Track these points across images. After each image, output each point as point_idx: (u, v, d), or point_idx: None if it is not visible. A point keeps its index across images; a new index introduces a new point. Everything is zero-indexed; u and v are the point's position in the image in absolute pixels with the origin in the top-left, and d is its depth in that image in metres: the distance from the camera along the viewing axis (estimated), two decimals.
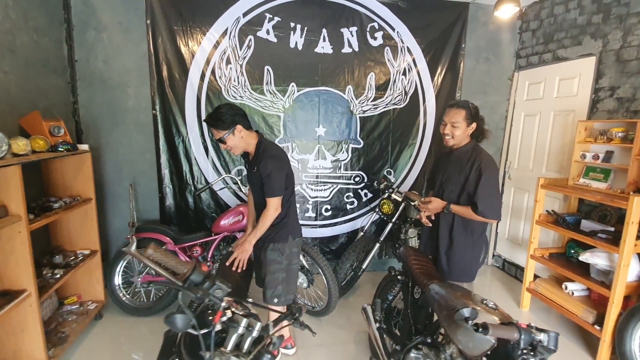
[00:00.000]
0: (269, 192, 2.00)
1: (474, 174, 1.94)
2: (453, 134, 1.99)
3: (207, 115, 2.00)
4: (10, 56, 2.35)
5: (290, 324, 1.33)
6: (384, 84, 3.45)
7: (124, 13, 2.99)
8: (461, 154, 2.03)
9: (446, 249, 2.12)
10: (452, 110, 1.99)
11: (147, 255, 1.04)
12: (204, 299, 1.03)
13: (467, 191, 1.98)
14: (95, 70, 3.01)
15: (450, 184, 2.04)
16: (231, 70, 3.18)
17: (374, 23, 3.34)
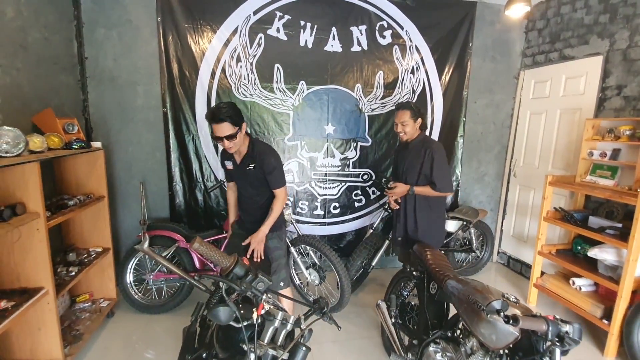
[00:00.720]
0: (279, 184, 2.19)
1: (428, 158, 2.36)
2: (405, 131, 2.44)
3: (219, 112, 1.91)
4: (23, 53, 2.34)
5: (320, 318, 1.34)
6: (392, 83, 3.48)
7: (134, 11, 2.98)
8: (415, 145, 2.46)
9: (413, 226, 2.52)
10: (400, 112, 2.44)
11: (194, 248, 1.05)
12: (246, 292, 1.04)
13: (424, 173, 2.40)
14: (105, 68, 3.00)
15: (410, 172, 2.46)
16: (241, 68, 3.18)
17: (383, 22, 3.36)
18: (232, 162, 2.22)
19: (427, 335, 1.96)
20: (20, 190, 1.89)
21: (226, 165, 2.27)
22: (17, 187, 1.89)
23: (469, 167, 3.86)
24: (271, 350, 1.15)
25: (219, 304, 1.01)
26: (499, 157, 3.92)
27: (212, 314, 1.00)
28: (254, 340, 1.08)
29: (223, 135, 1.96)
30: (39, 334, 2.07)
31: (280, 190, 2.20)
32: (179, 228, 2.89)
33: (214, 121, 1.94)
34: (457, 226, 3.40)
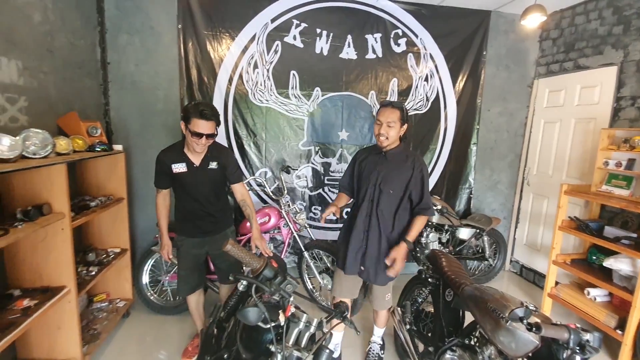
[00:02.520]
0: (241, 177, 2.30)
1: (417, 175, 1.99)
2: (388, 134, 1.95)
3: (206, 109, 1.92)
4: (50, 57, 2.41)
5: (340, 322, 1.36)
6: (406, 90, 3.51)
7: (155, 17, 3.06)
8: (397, 156, 2.03)
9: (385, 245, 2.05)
10: (388, 110, 1.95)
11: (226, 250, 1.09)
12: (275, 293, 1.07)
13: (410, 191, 2.00)
14: (127, 73, 3.08)
15: (388, 185, 1.99)
16: (258, 74, 3.24)
17: (398, 30, 3.40)
18: (186, 164, 2.07)
19: (443, 342, 1.96)
20: (46, 191, 1.95)
21: (174, 169, 2.05)
22: (44, 187, 1.94)
23: (482, 175, 3.85)
24: (296, 352, 1.17)
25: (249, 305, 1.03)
26: (512, 165, 3.91)
27: (242, 314, 1.03)
28: (282, 341, 1.11)
29: (206, 133, 1.94)
30: (59, 332, 2.11)
31: (243, 184, 2.29)
32: None
33: (203, 117, 1.91)
34: (470, 234, 3.40)
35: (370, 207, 2.03)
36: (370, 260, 2.06)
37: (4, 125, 2.02)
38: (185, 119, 1.95)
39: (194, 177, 2.09)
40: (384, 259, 2.02)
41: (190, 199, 2.15)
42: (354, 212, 2.14)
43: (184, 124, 1.97)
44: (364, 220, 2.04)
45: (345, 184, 2.25)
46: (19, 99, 2.13)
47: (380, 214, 2.00)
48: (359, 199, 2.10)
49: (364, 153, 2.17)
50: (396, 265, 1.97)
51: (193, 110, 1.91)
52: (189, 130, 1.94)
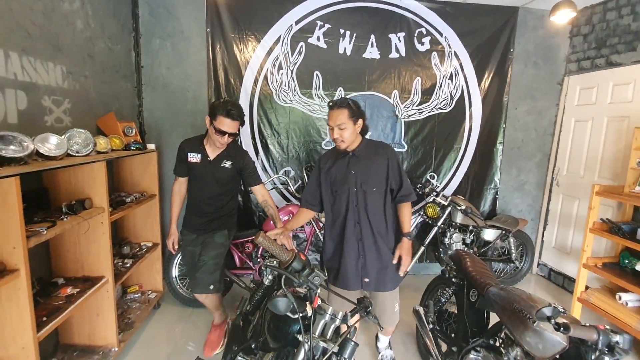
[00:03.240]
0: (260, 179, 2.29)
1: (393, 166, 1.89)
2: (342, 137, 1.80)
3: (233, 109, 1.98)
4: (90, 62, 2.58)
5: (364, 317, 1.39)
6: (429, 89, 3.49)
7: (186, 22, 3.20)
8: (364, 151, 1.89)
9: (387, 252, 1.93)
10: (334, 112, 1.81)
11: (258, 242, 1.15)
12: (303, 285, 1.12)
13: (391, 185, 1.90)
14: (159, 75, 3.23)
15: (370, 184, 1.87)
16: (282, 75, 3.32)
17: (421, 28, 3.39)
18: (202, 156, 2.15)
19: (467, 343, 1.95)
20: (88, 187, 2.09)
21: (189, 157, 2.15)
22: (86, 183, 2.09)
23: (508, 175, 3.77)
24: (322, 343, 1.21)
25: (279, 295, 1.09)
26: (541, 165, 3.80)
27: (272, 304, 1.08)
28: (309, 331, 1.16)
29: (229, 132, 2.00)
30: (97, 319, 2.26)
31: (263, 185, 2.31)
32: None
33: (229, 116, 1.96)
34: (495, 235, 3.34)
35: (357, 212, 1.87)
36: (372, 268, 1.91)
37: (50, 125, 2.18)
38: (212, 114, 2.01)
39: (204, 169, 2.14)
40: (386, 263, 1.92)
41: (196, 191, 2.21)
42: (337, 225, 1.94)
43: (209, 119, 2.03)
44: (355, 229, 1.88)
45: (309, 198, 2.02)
46: (63, 101, 2.29)
47: (371, 216, 1.87)
48: (339, 209, 1.91)
49: (328, 160, 1.97)
50: (404, 262, 1.92)
51: (221, 108, 1.96)
52: (213, 126, 2.00)
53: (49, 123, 2.17)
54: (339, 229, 1.91)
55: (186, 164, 2.18)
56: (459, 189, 3.66)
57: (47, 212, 1.88)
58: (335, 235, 1.95)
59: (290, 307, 1.10)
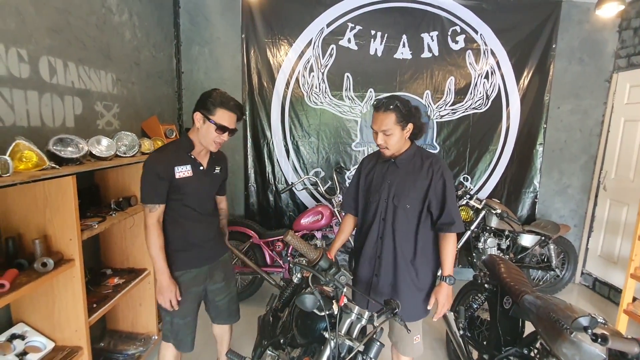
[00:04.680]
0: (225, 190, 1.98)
1: (437, 181, 1.59)
2: (388, 145, 1.59)
3: (233, 101, 1.62)
4: (137, 69, 2.77)
5: (390, 318, 1.40)
6: (463, 88, 3.39)
7: (222, 29, 3.35)
8: (407, 161, 1.65)
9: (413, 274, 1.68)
10: (380, 115, 1.58)
11: (287, 240, 1.20)
12: (329, 283, 1.15)
13: (430, 203, 1.61)
14: (198, 80, 3.40)
15: (403, 199, 1.62)
16: (313, 77, 3.37)
17: (455, 27, 3.31)
18: (192, 167, 1.65)
19: (499, 351, 1.90)
20: (134, 185, 2.26)
21: (177, 172, 1.60)
22: (132, 182, 2.26)
23: (549, 178, 3.58)
24: (348, 341, 1.24)
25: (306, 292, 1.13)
26: (586, 168, 3.57)
27: (300, 300, 1.13)
28: (335, 329, 1.19)
29: (231, 127, 1.61)
30: (140, 309, 2.42)
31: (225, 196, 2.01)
32: (254, 225, 3.15)
33: (232, 109, 1.60)
34: (533, 241, 3.18)
35: (383, 227, 1.65)
36: (382, 289, 1.68)
37: (102, 128, 2.38)
38: (207, 108, 1.56)
39: (199, 182, 1.67)
40: (403, 291, 1.67)
41: (191, 214, 1.69)
42: (362, 233, 1.77)
43: (202, 114, 1.57)
44: (375, 244, 1.68)
45: (350, 201, 1.85)
46: (113, 106, 2.49)
47: (397, 235, 1.63)
48: (366, 218, 1.73)
49: (370, 162, 1.79)
50: (440, 308, 1.65)
51: (220, 100, 1.57)
52: (212, 122, 1.55)
53: (101, 126, 2.37)
54: (362, 238, 1.74)
55: (170, 183, 1.60)
56: (494, 192, 3.53)
57: (98, 208, 2.05)
58: (358, 243, 1.80)
59: (317, 304, 1.14)
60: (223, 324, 2.01)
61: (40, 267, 1.47)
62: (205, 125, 1.58)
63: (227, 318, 1.97)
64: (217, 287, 1.86)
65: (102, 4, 2.36)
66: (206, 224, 1.78)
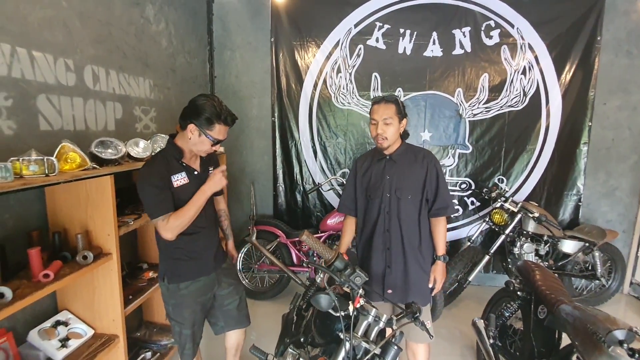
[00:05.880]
0: None
1: (431, 173, 1.79)
2: (386, 134, 1.72)
3: (229, 116, 1.62)
4: (172, 75, 2.93)
5: (410, 322, 1.37)
6: (498, 85, 3.24)
7: (253, 34, 3.45)
8: (403, 156, 1.81)
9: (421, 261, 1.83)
10: (381, 106, 1.73)
11: (302, 239, 1.22)
12: (345, 284, 1.15)
13: (427, 194, 1.79)
14: (229, 84, 3.53)
15: (404, 191, 1.78)
16: (341, 78, 3.38)
17: (489, 21, 3.17)
18: (187, 173, 1.63)
19: None
20: None
21: (174, 181, 1.58)
22: None
23: (595, 180, 3.32)
24: (364, 343, 1.23)
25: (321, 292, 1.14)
26: (636, 168, 3.27)
27: (315, 300, 1.14)
28: (350, 330, 1.19)
29: (224, 138, 1.62)
30: None
31: None
32: (281, 225, 3.21)
33: (229, 124, 1.61)
34: (576, 247, 2.97)
35: (388, 220, 1.79)
36: (397, 280, 1.81)
37: (140, 131, 2.53)
38: (205, 122, 1.53)
39: (197, 187, 1.62)
40: (413, 278, 1.81)
41: (194, 221, 1.61)
42: (366, 231, 1.87)
43: (196, 126, 1.53)
44: (383, 236, 1.81)
45: (348, 202, 1.95)
46: (150, 110, 2.65)
47: (403, 225, 1.77)
48: (370, 215, 1.84)
49: (365, 162, 1.90)
50: (438, 284, 1.85)
51: (217, 114, 1.54)
52: (210, 137, 1.55)
53: (139, 129, 2.53)
54: (368, 235, 1.85)
55: (174, 190, 1.58)
56: (532, 194, 3.33)
57: (135, 206, 2.18)
58: (363, 242, 1.90)
59: (332, 304, 1.14)
60: (234, 329, 1.94)
61: (81, 260, 1.60)
62: (200, 139, 1.56)
63: (237, 323, 1.93)
64: (226, 292, 1.85)
65: (140, 14, 2.52)
66: (208, 229, 1.75)
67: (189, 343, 1.76)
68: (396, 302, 1.74)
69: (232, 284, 1.90)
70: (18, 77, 1.62)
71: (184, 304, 1.70)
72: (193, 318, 1.73)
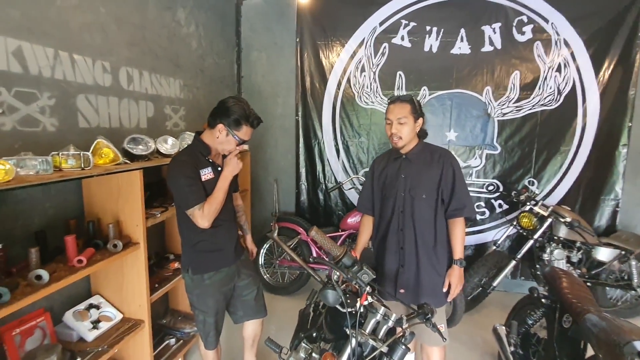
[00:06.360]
0: None
1: (447, 172, 1.74)
2: (401, 133, 1.72)
3: (256, 119, 1.72)
4: (201, 75, 3.05)
5: (422, 322, 1.36)
6: (530, 83, 3.10)
7: (279, 34, 3.52)
8: (418, 155, 1.79)
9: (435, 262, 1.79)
10: (396, 106, 1.74)
11: (311, 235, 1.25)
12: (352, 281, 1.17)
13: (443, 193, 1.74)
14: (255, 84, 3.63)
15: (419, 190, 1.75)
16: (365, 77, 3.37)
17: (522, 16, 3.04)
18: (212, 169, 1.73)
19: None
20: None
21: (202, 175, 1.68)
22: None
23: (634, 185, 3.09)
24: (371, 341, 1.24)
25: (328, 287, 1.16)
26: None
27: (322, 295, 1.17)
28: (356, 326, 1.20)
29: (248, 140, 1.73)
30: None
31: None
32: (302, 222, 3.26)
33: (254, 126, 1.72)
34: (611, 255, 2.79)
35: (402, 219, 1.77)
36: (410, 280, 1.79)
37: (170, 129, 2.67)
38: (232, 124, 1.64)
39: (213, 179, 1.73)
40: (426, 280, 1.77)
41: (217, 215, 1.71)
42: (381, 230, 1.87)
43: (225, 127, 1.64)
44: (397, 235, 1.79)
45: (365, 202, 1.95)
46: (179, 109, 2.78)
47: (417, 225, 1.75)
48: (385, 214, 1.84)
49: (381, 163, 1.91)
50: (453, 290, 1.76)
51: (245, 116, 1.66)
52: (237, 138, 1.66)
53: (169, 127, 2.67)
54: (383, 234, 1.85)
55: (204, 183, 1.69)
56: (566, 198, 3.16)
57: (163, 200, 2.31)
58: (378, 241, 1.89)
59: (339, 300, 1.16)
60: (251, 319, 2.02)
61: (111, 248, 1.72)
62: (227, 138, 1.67)
63: (255, 313, 2.01)
64: (245, 283, 1.94)
65: (172, 18, 2.66)
66: (229, 222, 1.85)
67: (212, 331, 1.86)
68: (408, 303, 1.79)
69: (251, 275, 1.98)
70: (60, 78, 1.77)
71: (208, 293, 1.79)
72: (216, 307, 1.83)
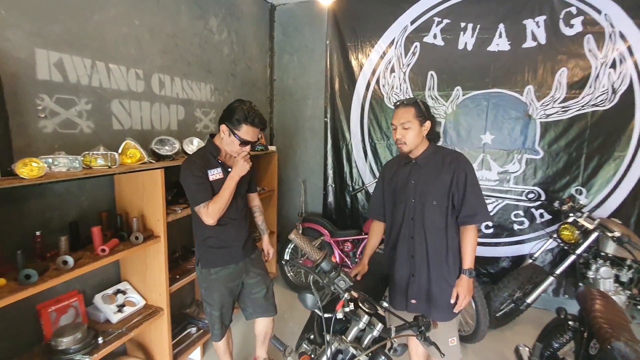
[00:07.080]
0: None
1: (460, 175, 1.62)
2: (405, 139, 1.64)
3: (257, 117, 1.75)
4: (232, 79, 3.21)
5: (414, 335, 1.30)
6: (579, 81, 2.79)
7: (310, 37, 3.57)
8: (428, 159, 1.70)
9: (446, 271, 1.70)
10: (400, 110, 1.68)
11: (289, 238, 1.27)
12: (330, 286, 1.17)
13: (453, 196, 1.64)
14: (287, 86, 3.72)
15: (429, 196, 1.67)
16: (394, 78, 3.28)
17: (570, 8, 2.74)
18: (222, 170, 1.82)
19: None
20: None
21: (210, 175, 1.78)
22: None
23: None
24: (352, 349, 1.22)
25: (307, 291, 1.17)
26: None
27: (301, 298, 1.18)
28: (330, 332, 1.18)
29: (253, 141, 1.78)
30: None
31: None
32: (326, 224, 3.27)
33: (255, 125, 1.75)
34: None
35: (413, 226, 1.71)
36: (422, 291, 1.72)
37: (200, 131, 2.85)
38: (232, 123, 1.72)
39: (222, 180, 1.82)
40: (437, 290, 1.70)
41: (225, 213, 1.80)
42: (392, 237, 1.81)
43: (227, 127, 1.73)
44: (407, 243, 1.73)
45: (376, 207, 1.90)
46: (210, 112, 2.95)
47: (428, 232, 1.68)
48: (395, 221, 1.78)
49: (392, 167, 1.85)
50: (461, 301, 1.65)
51: (245, 116, 1.71)
52: (237, 137, 1.72)
53: (199, 129, 2.85)
54: (394, 241, 1.79)
55: (212, 183, 1.79)
56: (619, 210, 2.79)
57: None
58: (389, 248, 1.84)
59: (316, 304, 1.16)
60: (261, 317, 2.07)
61: (134, 240, 1.89)
62: (230, 138, 1.75)
63: (264, 311, 2.06)
64: (254, 281, 2.01)
65: (204, 26, 2.83)
66: (238, 221, 1.92)
67: (217, 324, 1.95)
68: (419, 314, 1.71)
69: (260, 274, 2.05)
70: (96, 85, 1.98)
71: (214, 287, 1.89)
72: (221, 301, 1.91)
